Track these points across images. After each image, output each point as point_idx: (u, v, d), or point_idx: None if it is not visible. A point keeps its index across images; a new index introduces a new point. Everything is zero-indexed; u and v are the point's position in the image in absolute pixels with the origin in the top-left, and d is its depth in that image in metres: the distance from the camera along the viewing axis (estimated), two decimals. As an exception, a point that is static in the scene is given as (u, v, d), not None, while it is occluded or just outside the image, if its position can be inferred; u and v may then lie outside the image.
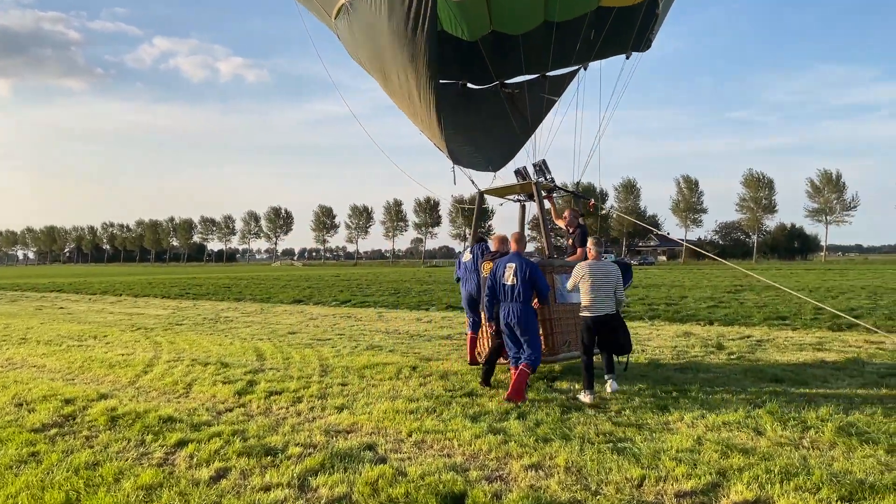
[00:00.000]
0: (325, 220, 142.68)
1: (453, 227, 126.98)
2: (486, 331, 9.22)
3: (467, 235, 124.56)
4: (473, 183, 9.87)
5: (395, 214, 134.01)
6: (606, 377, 8.07)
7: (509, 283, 7.95)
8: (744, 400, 7.35)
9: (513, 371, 7.96)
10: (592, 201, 10.27)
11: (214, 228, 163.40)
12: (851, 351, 10.78)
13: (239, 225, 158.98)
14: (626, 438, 6.02)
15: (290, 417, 7.04)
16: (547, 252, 9.87)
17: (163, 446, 6.06)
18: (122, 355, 11.50)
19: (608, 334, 7.96)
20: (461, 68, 10.89)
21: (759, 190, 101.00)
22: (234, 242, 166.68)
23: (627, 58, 10.48)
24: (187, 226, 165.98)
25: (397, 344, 12.63)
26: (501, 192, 10.28)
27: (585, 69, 11.13)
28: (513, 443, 5.91)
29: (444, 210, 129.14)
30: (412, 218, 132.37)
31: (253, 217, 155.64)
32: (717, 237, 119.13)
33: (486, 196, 10.44)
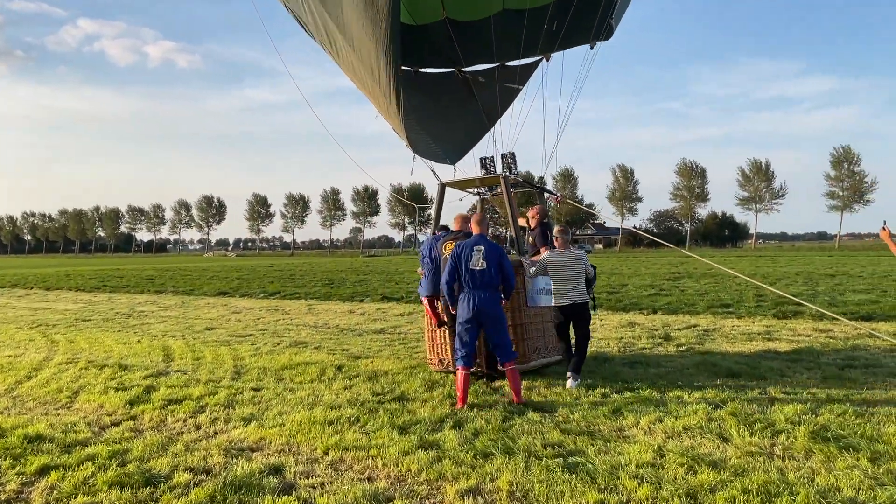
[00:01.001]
0: (259, 210, 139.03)
1: (392, 216, 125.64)
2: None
3: (406, 225, 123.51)
4: (435, 175, 8.92)
5: (333, 203, 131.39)
6: (569, 375, 7.53)
7: (479, 267, 6.95)
8: (702, 399, 6.64)
9: (460, 374, 6.91)
10: (559, 196, 9.38)
11: (143, 218, 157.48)
12: (802, 340, 10.31)
13: (169, 214, 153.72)
14: (577, 451, 5.21)
15: (187, 432, 5.98)
16: (517, 251, 9.01)
17: (20, 475, 4.96)
18: (9, 357, 10.14)
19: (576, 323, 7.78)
20: (414, 54, 9.94)
21: (693, 179, 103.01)
22: (164, 232, 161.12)
23: (591, 48, 9.77)
24: (114, 215, 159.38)
25: (325, 340, 11.60)
26: (465, 184, 9.34)
27: (548, 60, 10.37)
28: (447, 460, 5.02)
29: (383, 199, 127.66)
30: (350, 207, 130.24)
31: (183, 206, 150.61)
32: (651, 225, 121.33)
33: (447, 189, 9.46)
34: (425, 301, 8.01)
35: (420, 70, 10.46)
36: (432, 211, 9.00)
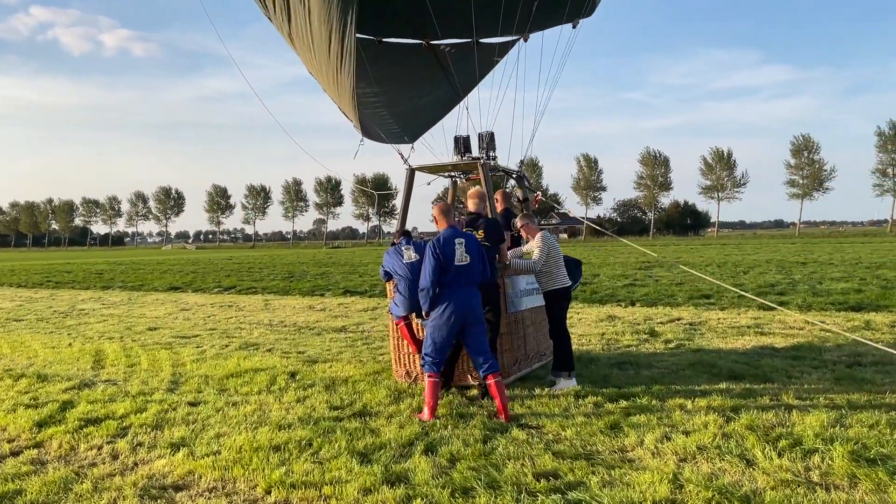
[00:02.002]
0: (219, 201, 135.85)
1: (356, 206, 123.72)
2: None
3: (371, 215, 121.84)
4: (403, 158, 7.87)
5: (295, 194, 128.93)
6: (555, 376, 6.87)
7: (464, 262, 6.01)
8: (708, 408, 5.78)
9: (428, 382, 6.00)
10: (539, 195, 8.35)
11: (98, 210, 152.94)
12: (797, 334, 9.57)
13: (125, 206, 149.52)
14: (577, 483, 4.27)
15: (100, 464, 4.91)
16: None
17: None
18: (-86, 367, 8.87)
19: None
20: (379, 22, 8.88)
21: (656, 168, 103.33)
22: (121, 225, 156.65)
23: (574, 26, 8.85)
24: (68, 208, 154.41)
25: (279, 340, 10.52)
26: (437, 170, 8.31)
27: (526, 40, 9.42)
28: (419, 500, 4.05)
29: (347, 190, 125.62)
30: (313, 198, 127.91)
31: (140, 198, 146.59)
32: (615, 214, 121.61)
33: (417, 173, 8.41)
34: (402, 324, 6.96)
35: (384, 40, 9.43)
36: (399, 199, 7.98)
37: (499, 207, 7.81)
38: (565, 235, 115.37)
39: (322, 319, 13.03)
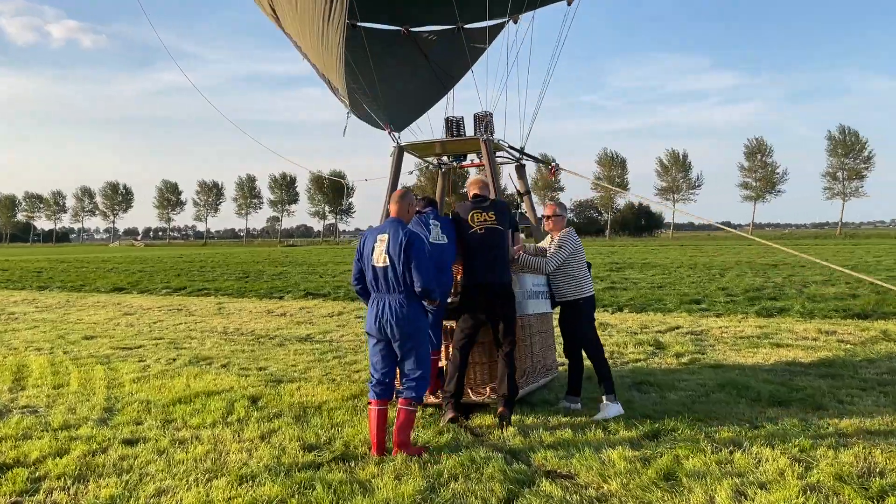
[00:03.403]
0: (169, 197, 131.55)
1: (312, 204, 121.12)
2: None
3: (327, 213, 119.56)
4: (392, 136, 6.64)
5: (249, 191, 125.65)
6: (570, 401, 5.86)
7: (380, 264, 4.99)
8: (770, 446, 4.75)
9: (371, 411, 5.03)
10: (555, 166, 7.12)
11: (42, 206, 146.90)
12: (817, 347, 8.68)
13: (70, 202, 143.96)
14: (653, 571, 3.16)
15: (-5, 543, 3.61)
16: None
17: None
18: None
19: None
20: (354, 6, 7.69)
21: (613, 169, 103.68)
22: (66, 221, 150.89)
23: (569, 3, 7.80)
24: (9, 203, 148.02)
25: (236, 353, 9.21)
26: (427, 149, 7.08)
27: (516, 22, 8.33)
28: None
29: (302, 187, 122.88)
30: (267, 195, 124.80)
31: (87, 193, 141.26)
32: (572, 215, 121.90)
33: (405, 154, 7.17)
34: None
35: (359, 24, 8.20)
36: (388, 179, 6.73)
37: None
38: (522, 235, 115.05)
39: (283, 326, 11.72)
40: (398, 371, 5.21)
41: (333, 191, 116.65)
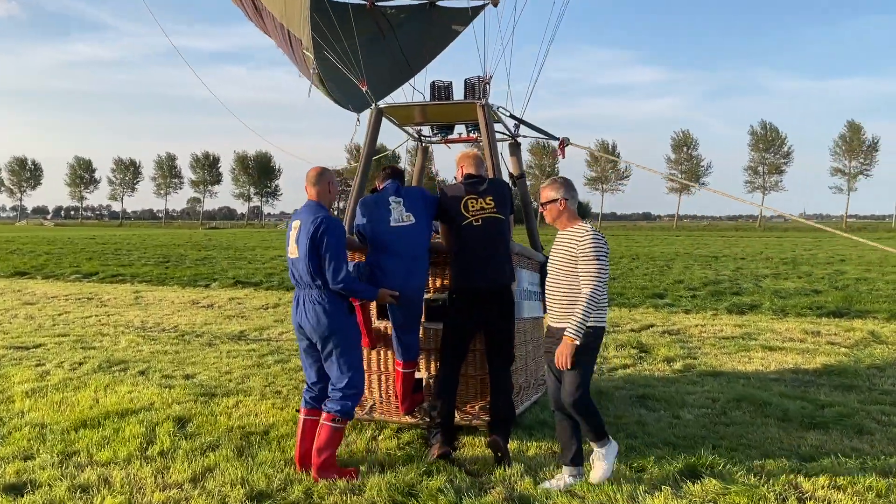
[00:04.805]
0: (82, 174, 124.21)
1: (236, 185, 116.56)
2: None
3: (252, 195, 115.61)
4: (369, 96, 5.33)
5: (169, 170, 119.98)
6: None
7: (293, 255, 4.21)
8: (838, 488, 3.87)
9: (300, 420, 4.34)
10: (563, 140, 5.84)
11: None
12: (806, 348, 8.00)
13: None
14: None
15: None
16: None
17: None
18: None
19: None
20: None
21: (544, 158, 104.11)
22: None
23: None
24: None
25: (157, 354, 7.82)
26: (408, 115, 5.80)
27: (496, 5, 7.11)
28: None
29: (226, 167, 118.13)
30: (188, 175, 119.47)
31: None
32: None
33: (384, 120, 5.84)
34: (357, 306, 4.58)
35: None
36: (363, 145, 5.43)
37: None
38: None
39: (212, 321, 10.32)
40: None
41: (259, 171, 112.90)
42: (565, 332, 3.81)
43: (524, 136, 6.11)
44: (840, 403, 5.65)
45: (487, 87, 5.25)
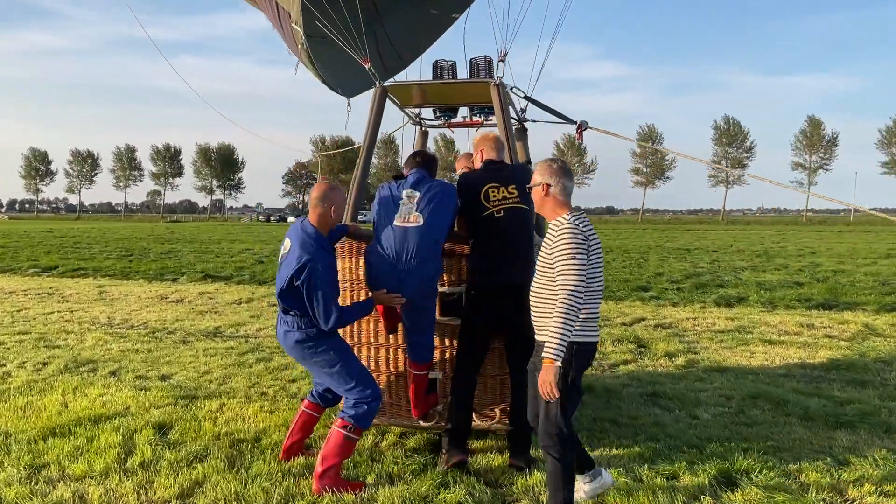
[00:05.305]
0: (38, 167, 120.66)
1: (198, 178, 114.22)
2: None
3: (215, 188, 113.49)
4: (372, 73, 4.84)
5: (128, 162, 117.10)
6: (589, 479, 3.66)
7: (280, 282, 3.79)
8: (888, 496, 3.61)
9: (301, 406, 4.23)
10: (582, 124, 5.35)
11: None
12: (805, 342, 7.82)
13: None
14: None
15: None
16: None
17: None
18: None
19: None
20: None
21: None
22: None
23: None
24: None
25: (128, 353, 7.30)
26: (410, 96, 5.33)
27: None
28: None
29: (187, 159, 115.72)
30: (149, 167, 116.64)
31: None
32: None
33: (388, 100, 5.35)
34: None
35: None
36: (366, 127, 4.95)
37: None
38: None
39: (183, 316, 9.78)
40: None
41: (222, 164, 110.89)
42: (543, 354, 3.13)
43: (533, 121, 5.71)
44: (858, 400, 5.42)
45: (502, 64, 4.85)
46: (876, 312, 9.93)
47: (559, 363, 3.10)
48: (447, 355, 4.33)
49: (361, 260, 4.19)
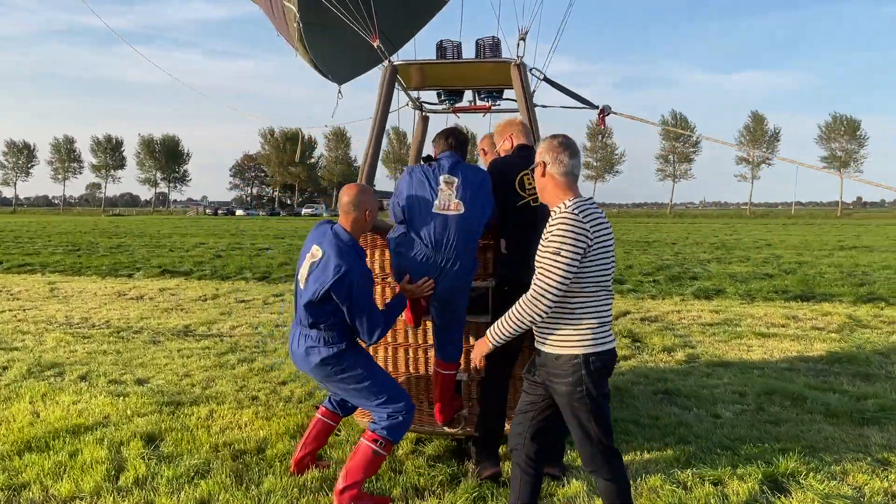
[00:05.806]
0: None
1: (142, 170, 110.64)
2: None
3: (159, 180, 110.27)
4: (381, 52, 4.42)
5: (67, 154, 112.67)
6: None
7: (302, 287, 3.40)
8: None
9: (316, 414, 3.89)
10: (604, 109, 4.99)
11: None
12: (796, 334, 7.76)
13: None
14: None
15: None
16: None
17: None
18: None
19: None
20: None
21: (472, 145, 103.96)
22: None
23: None
24: None
25: (95, 354, 6.76)
26: (424, 75, 4.93)
27: None
28: None
29: (130, 151, 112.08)
30: (89, 159, 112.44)
31: None
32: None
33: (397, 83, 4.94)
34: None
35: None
36: (375, 109, 4.55)
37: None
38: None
39: (147, 314, 9.20)
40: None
41: (166, 156, 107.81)
42: (487, 331, 2.85)
43: (543, 106, 5.40)
44: (874, 395, 5.32)
45: (523, 42, 4.53)
46: (853, 304, 9.99)
47: (490, 343, 2.85)
48: (473, 361, 3.99)
49: (386, 252, 3.84)
